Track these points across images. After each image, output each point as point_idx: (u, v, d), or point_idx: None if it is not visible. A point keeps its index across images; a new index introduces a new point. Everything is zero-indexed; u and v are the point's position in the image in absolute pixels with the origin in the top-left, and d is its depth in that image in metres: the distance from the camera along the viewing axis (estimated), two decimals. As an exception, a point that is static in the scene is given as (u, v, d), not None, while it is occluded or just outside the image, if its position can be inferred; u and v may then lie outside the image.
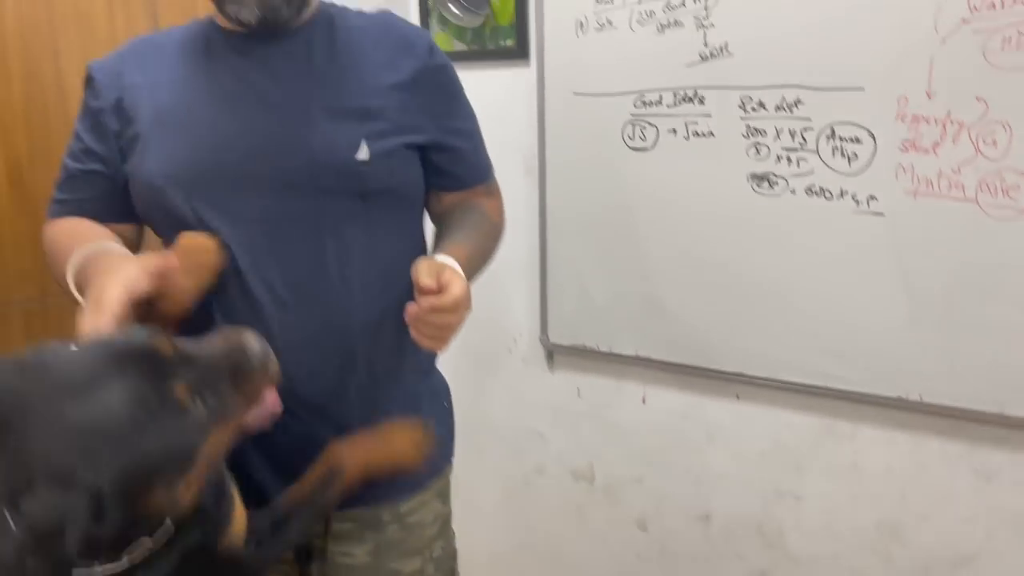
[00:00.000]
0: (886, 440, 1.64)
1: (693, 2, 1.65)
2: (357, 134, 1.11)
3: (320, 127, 1.11)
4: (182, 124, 1.11)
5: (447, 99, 1.24)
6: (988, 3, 1.39)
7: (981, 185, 1.44)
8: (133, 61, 1.16)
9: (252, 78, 1.13)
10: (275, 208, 1.10)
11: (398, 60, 1.17)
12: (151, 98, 1.13)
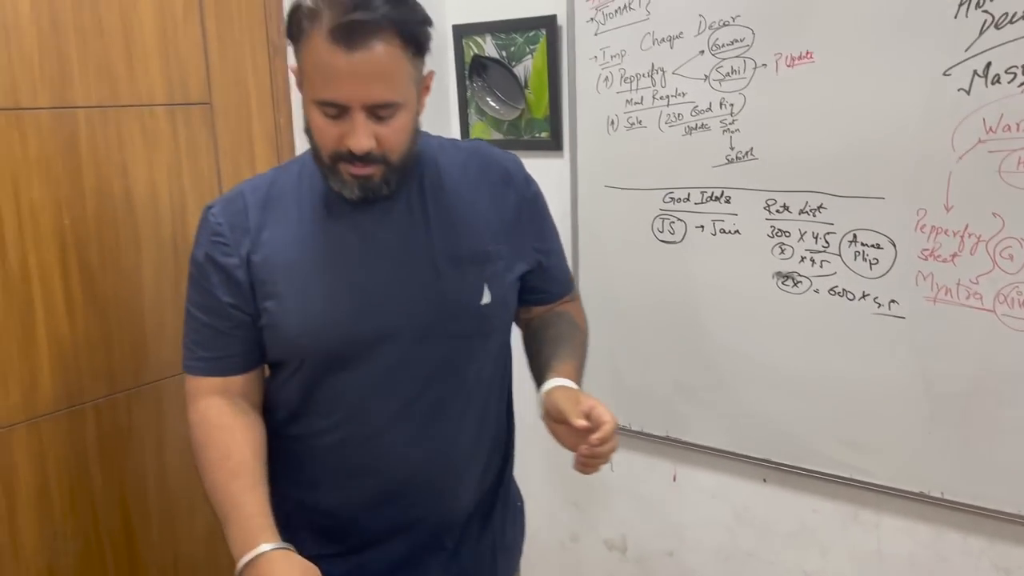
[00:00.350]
0: (909, 531, 1.70)
1: (720, 107, 1.73)
2: (479, 280, 1.22)
3: (446, 278, 1.21)
4: (318, 282, 1.18)
5: (542, 224, 1.34)
6: (1004, 125, 1.44)
7: (998, 296, 1.50)
8: (256, 213, 1.21)
9: (376, 234, 1.20)
10: (407, 354, 1.20)
11: (501, 195, 1.27)
12: (283, 255, 1.19)
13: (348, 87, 1.08)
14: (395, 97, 1.11)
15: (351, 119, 1.10)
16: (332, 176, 1.16)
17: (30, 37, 1.48)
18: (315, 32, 1.07)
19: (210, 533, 1.87)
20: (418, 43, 1.11)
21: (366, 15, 1.05)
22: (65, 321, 1.57)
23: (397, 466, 1.22)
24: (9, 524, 1.53)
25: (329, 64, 1.07)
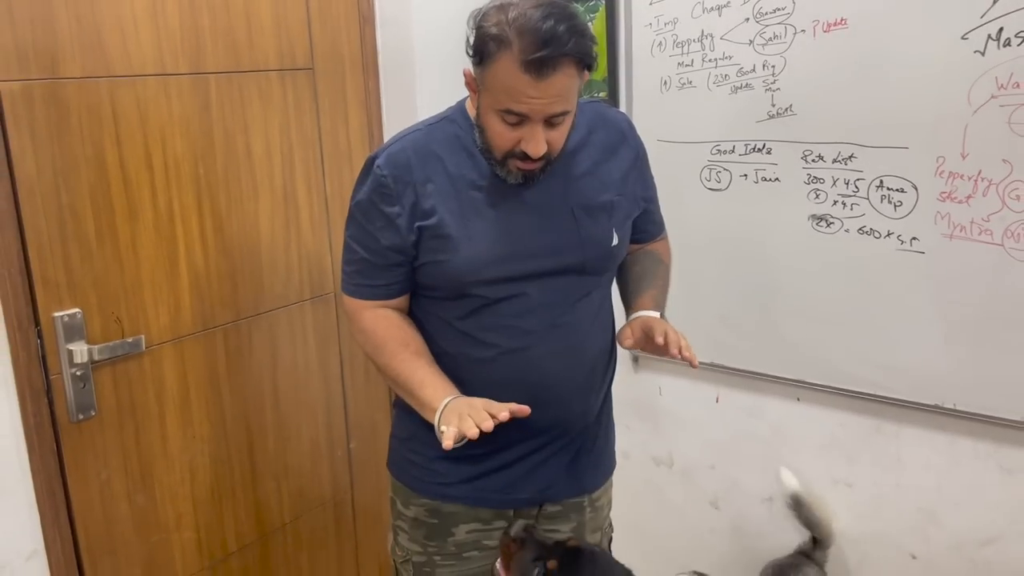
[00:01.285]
0: (925, 439, 1.94)
1: (762, 68, 1.95)
2: (608, 226, 1.48)
3: (583, 224, 1.46)
4: (479, 229, 1.41)
5: (647, 176, 1.61)
6: (1013, 83, 1.66)
7: (1006, 232, 1.73)
8: (420, 168, 1.40)
9: (521, 191, 1.43)
10: (552, 287, 1.45)
11: (619, 152, 1.53)
12: (447, 205, 1.40)
13: (532, 106, 1.30)
14: (569, 107, 1.34)
15: (529, 127, 1.32)
16: (499, 167, 1.40)
17: (173, 14, 1.74)
18: (505, 57, 1.27)
19: (313, 448, 2.15)
20: (590, 65, 1.33)
21: (556, 51, 1.25)
22: (200, 256, 1.85)
23: (541, 375, 1.46)
24: (160, 425, 1.82)
25: (518, 88, 1.28)
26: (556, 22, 1.25)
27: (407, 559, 1.64)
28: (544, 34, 1.24)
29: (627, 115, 1.58)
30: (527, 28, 1.25)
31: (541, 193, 1.44)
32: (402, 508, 1.62)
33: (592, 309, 1.52)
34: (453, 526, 1.58)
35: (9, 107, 1.51)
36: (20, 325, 1.56)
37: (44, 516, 1.64)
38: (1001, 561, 1.90)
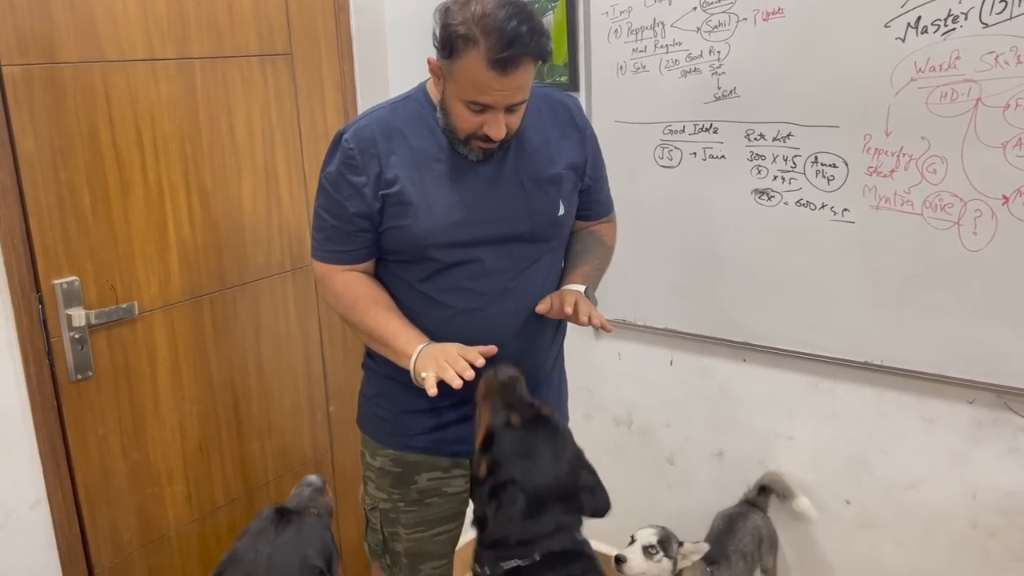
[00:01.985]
0: (857, 394, 2.13)
1: (709, 54, 2.11)
2: (556, 197, 1.64)
3: (533, 196, 1.62)
4: (438, 198, 1.56)
5: (595, 155, 1.75)
6: (930, 67, 1.84)
7: (925, 202, 1.91)
8: (383, 141, 1.54)
9: (479, 166, 1.58)
10: (505, 252, 1.61)
11: (567, 130, 1.68)
12: (408, 175, 1.55)
13: (497, 97, 1.45)
14: (527, 97, 1.51)
15: (492, 114, 1.47)
16: (462, 146, 1.55)
17: (160, 1, 1.86)
18: (472, 55, 1.40)
19: (295, 410, 2.30)
20: (545, 58, 1.49)
21: (519, 51, 1.39)
22: (188, 229, 1.98)
23: (494, 335, 1.59)
24: (152, 386, 1.96)
25: (484, 82, 1.42)
26: (519, 23, 1.39)
27: (375, 506, 1.81)
28: (509, 34, 1.38)
29: (576, 98, 1.72)
30: (493, 28, 1.38)
31: (495, 166, 1.60)
32: (370, 460, 1.79)
33: (542, 274, 1.68)
34: (416, 474, 1.73)
35: (11, 90, 1.64)
36: (23, 291, 1.69)
37: (46, 468, 1.77)
38: (924, 502, 2.10)
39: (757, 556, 2.21)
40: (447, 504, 1.78)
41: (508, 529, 1.37)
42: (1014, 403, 1.93)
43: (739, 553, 2.16)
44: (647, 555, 1.97)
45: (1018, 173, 1.78)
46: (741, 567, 2.15)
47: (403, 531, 1.78)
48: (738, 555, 2.15)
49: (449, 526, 1.81)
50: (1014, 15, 1.73)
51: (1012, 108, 1.76)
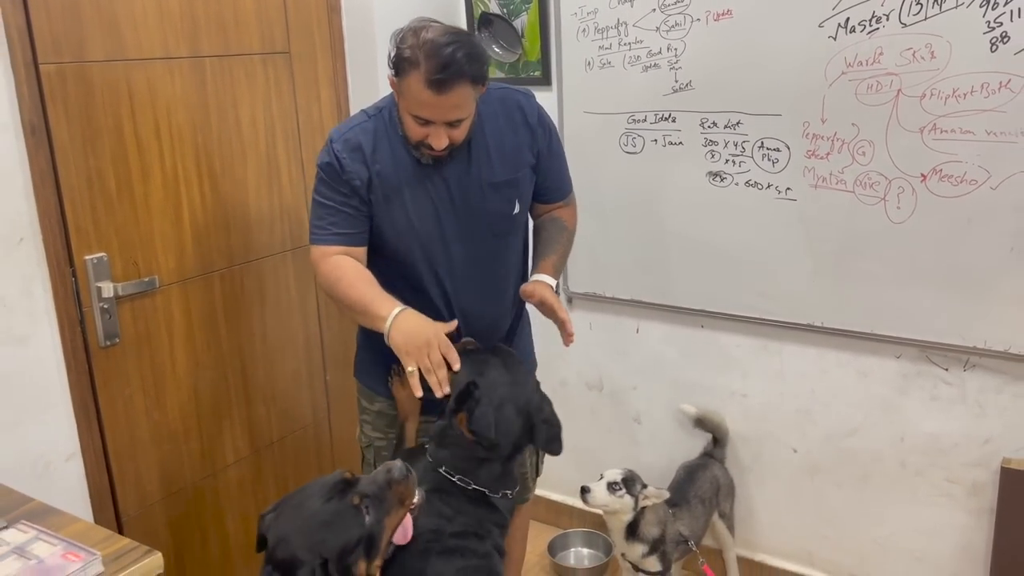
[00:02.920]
0: (800, 353, 2.39)
1: (667, 51, 2.36)
2: (513, 198, 1.86)
3: (489, 198, 1.84)
4: (408, 202, 1.79)
5: (549, 142, 1.93)
6: (858, 62, 2.09)
7: (856, 181, 2.17)
8: (369, 148, 1.77)
9: (444, 169, 1.80)
10: (468, 248, 1.85)
11: (520, 130, 1.87)
12: (388, 181, 1.78)
13: (435, 113, 1.66)
14: (464, 115, 1.71)
15: (433, 128, 1.69)
16: (415, 150, 1.77)
17: (174, 4, 2.07)
18: (414, 75, 1.62)
19: (296, 378, 2.52)
20: (482, 81, 1.70)
21: (452, 74, 1.59)
22: (200, 211, 2.19)
23: (466, 317, 1.86)
24: (170, 353, 2.17)
25: (423, 99, 1.64)
26: (456, 50, 1.60)
27: (370, 444, 2.06)
28: (445, 59, 1.59)
29: (530, 93, 1.92)
30: (432, 53, 1.59)
31: (460, 173, 1.82)
32: (367, 404, 2.03)
33: (503, 259, 1.93)
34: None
35: (47, 85, 1.84)
36: (59, 266, 1.90)
37: (80, 425, 1.98)
38: (860, 448, 2.37)
39: (715, 502, 2.47)
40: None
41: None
42: (934, 356, 2.20)
43: (698, 499, 2.42)
44: (611, 490, 2.22)
45: (934, 154, 2.05)
46: (700, 510, 2.41)
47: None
48: (697, 500, 2.41)
49: None
50: (928, 16, 1.99)
51: (928, 98, 2.03)
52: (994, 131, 1.97)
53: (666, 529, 2.30)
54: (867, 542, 2.41)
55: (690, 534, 2.35)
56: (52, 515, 1.56)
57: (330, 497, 1.44)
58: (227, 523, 2.38)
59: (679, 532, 2.33)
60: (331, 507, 1.42)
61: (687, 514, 2.38)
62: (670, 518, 2.33)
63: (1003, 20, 1.91)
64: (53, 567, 1.37)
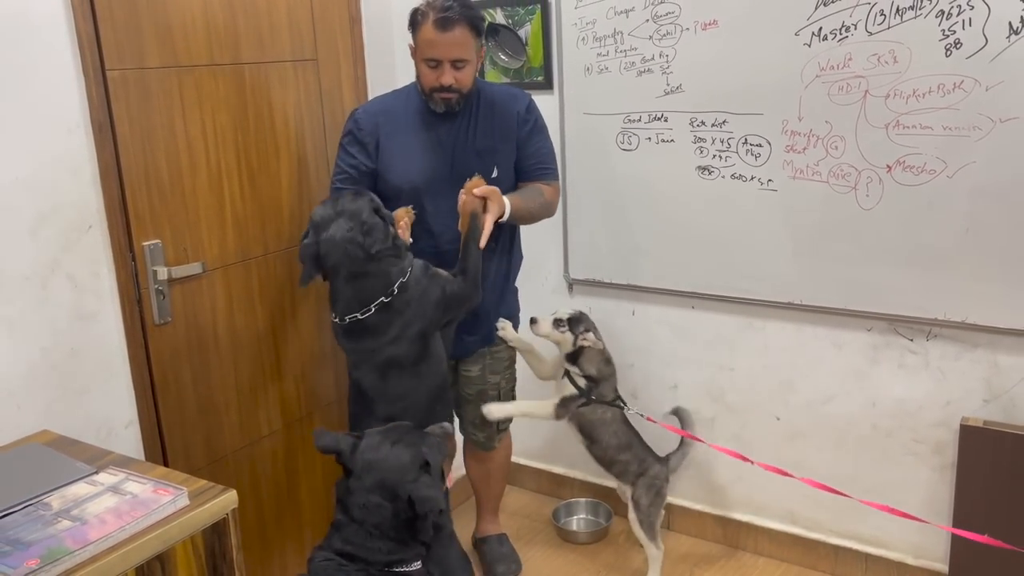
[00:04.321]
0: (782, 329, 2.65)
1: (659, 57, 2.61)
2: (491, 163, 2.27)
3: (473, 162, 2.27)
4: (414, 155, 2.36)
5: (536, 135, 2.41)
6: (830, 66, 2.36)
7: (830, 172, 2.43)
8: (383, 118, 2.37)
9: (444, 136, 2.37)
10: (444, 199, 2.24)
11: (510, 115, 2.35)
12: (393, 141, 2.36)
13: (442, 51, 2.20)
14: (465, 56, 2.21)
15: (442, 68, 2.19)
16: (430, 100, 2.26)
17: (218, 17, 2.30)
18: (424, 24, 2.25)
19: (322, 358, 2.74)
20: (478, 29, 2.21)
21: (451, 13, 2.15)
22: (240, 203, 2.42)
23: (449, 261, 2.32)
24: (213, 332, 2.39)
25: (431, 39, 2.20)
26: (454, 3, 2.20)
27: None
28: (446, 6, 2.20)
29: (525, 93, 2.50)
30: (436, 4, 2.21)
31: (456, 138, 2.36)
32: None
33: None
34: None
35: (113, 89, 2.06)
36: (121, 251, 2.11)
37: (137, 395, 2.19)
38: (836, 414, 2.62)
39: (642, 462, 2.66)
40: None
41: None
42: (901, 328, 2.46)
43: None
44: (555, 326, 2.53)
45: (898, 148, 2.31)
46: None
47: None
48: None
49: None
50: (891, 25, 2.26)
51: (891, 97, 2.29)
52: (950, 126, 2.23)
53: (602, 374, 2.57)
54: (843, 500, 2.66)
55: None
56: (134, 463, 1.78)
57: (413, 432, 1.89)
58: (261, 491, 2.59)
59: (615, 389, 2.60)
60: (417, 435, 1.88)
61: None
62: (609, 374, 2.59)
63: (956, 28, 2.18)
64: (147, 500, 1.59)
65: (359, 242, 2.08)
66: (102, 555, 1.45)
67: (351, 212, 2.11)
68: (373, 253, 2.09)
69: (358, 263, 2.09)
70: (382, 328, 2.13)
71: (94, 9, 1.99)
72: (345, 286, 2.12)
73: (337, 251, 2.09)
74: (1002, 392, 2.35)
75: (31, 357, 1.96)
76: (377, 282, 2.12)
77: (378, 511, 1.75)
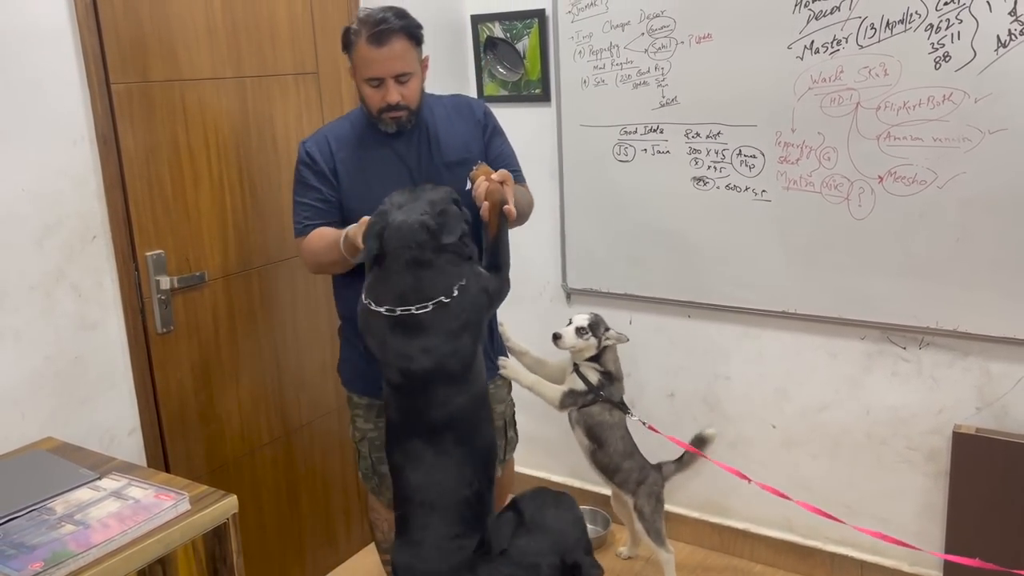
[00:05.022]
0: (777, 337, 2.68)
1: (655, 70, 2.66)
2: (463, 175, 2.13)
3: (444, 176, 2.14)
4: (373, 181, 2.12)
5: (496, 138, 2.28)
6: (822, 78, 2.40)
7: (823, 183, 2.46)
8: (336, 144, 2.15)
9: (402, 153, 2.16)
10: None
11: (468, 123, 2.23)
12: (351, 167, 2.14)
13: (381, 68, 2.03)
14: (408, 69, 2.06)
15: (386, 86, 2.05)
16: (379, 122, 2.12)
17: (221, 32, 2.34)
18: (360, 41, 2.03)
19: (322, 367, 2.77)
20: (416, 38, 2.08)
21: (386, 27, 2.00)
22: (242, 215, 2.46)
23: None
24: (215, 341, 2.42)
25: (368, 57, 2.02)
26: (386, 12, 2.02)
27: (364, 437, 2.31)
28: (379, 19, 2.01)
29: (478, 99, 2.38)
30: (367, 18, 2.03)
31: (415, 154, 2.17)
32: (357, 400, 2.30)
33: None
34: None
35: (117, 102, 2.10)
36: (124, 261, 2.15)
37: (140, 403, 2.23)
38: (831, 421, 2.65)
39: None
40: None
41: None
42: (894, 336, 2.49)
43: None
44: (579, 335, 2.53)
45: (889, 159, 2.35)
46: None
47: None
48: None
49: None
50: (881, 39, 2.30)
51: (882, 109, 2.33)
52: (939, 138, 2.27)
53: (619, 373, 2.61)
54: (839, 507, 2.68)
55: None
56: (136, 469, 1.82)
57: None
58: (262, 498, 2.62)
59: (622, 395, 2.62)
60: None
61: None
62: (622, 376, 2.63)
63: (945, 42, 2.22)
64: (148, 504, 1.62)
65: (432, 228, 1.89)
66: (105, 558, 1.49)
67: (431, 199, 1.95)
68: (444, 244, 1.90)
69: (426, 250, 1.89)
70: (436, 328, 1.91)
71: (99, 24, 2.04)
72: (404, 274, 1.89)
73: (406, 233, 1.88)
74: (994, 400, 2.38)
75: (36, 366, 1.99)
76: (439, 278, 1.90)
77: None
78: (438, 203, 1.94)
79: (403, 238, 1.88)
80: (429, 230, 1.89)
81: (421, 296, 1.90)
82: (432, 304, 1.90)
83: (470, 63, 3.05)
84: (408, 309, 1.90)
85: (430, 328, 1.91)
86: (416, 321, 1.90)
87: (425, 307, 1.90)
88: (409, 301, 1.90)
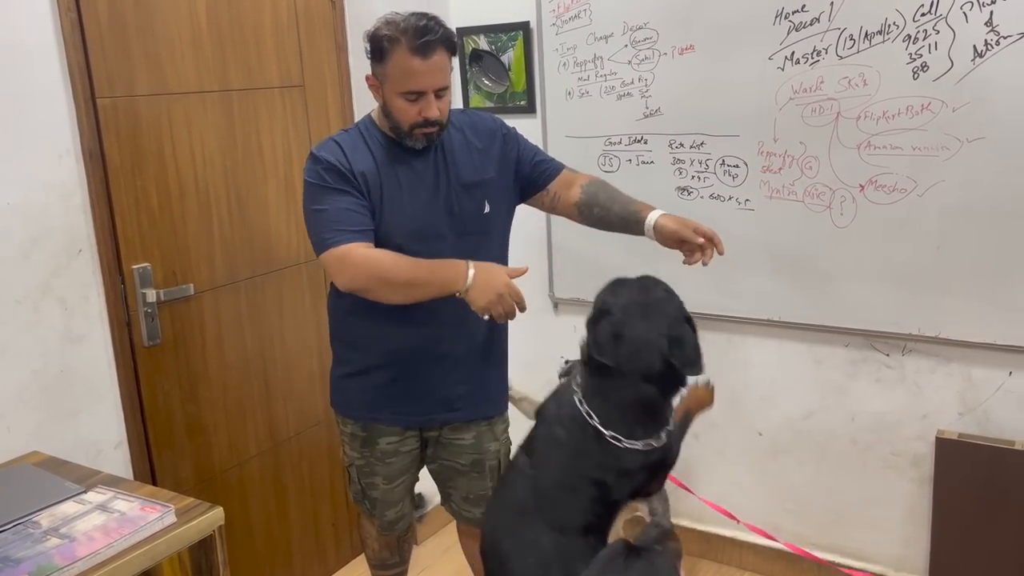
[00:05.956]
0: (762, 345, 2.70)
1: (638, 81, 2.68)
2: (482, 198, 2.03)
3: (461, 198, 2.01)
4: (390, 202, 1.93)
5: (517, 144, 2.13)
6: (803, 89, 2.42)
7: (805, 192, 2.49)
8: (351, 153, 1.91)
9: (422, 172, 1.97)
10: (443, 243, 1.98)
11: (488, 141, 2.08)
12: (379, 181, 1.93)
13: (424, 81, 1.85)
14: (448, 83, 1.93)
15: (426, 100, 1.87)
16: (408, 138, 1.92)
17: (207, 45, 2.36)
18: (398, 51, 1.83)
19: (310, 378, 2.78)
20: (454, 49, 1.93)
21: (432, 37, 1.83)
22: (228, 227, 2.46)
23: (445, 308, 1.95)
24: (202, 353, 2.42)
25: (411, 69, 1.83)
26: (427, 21, 1.85)
27: (352, 464, 2.23)
28: (422, 29, 1.83)
29: (495, 116, 2.17)
30: (410, 27, 1.83)
31: (432, 174, 1.99)
32: (343, 427, 2.21)
33: (484, 257, 1.96)
34: (378, 438, 2.15)
35: (103, 116, 2.11)
36: (110, 274, 2.16)
37: (126, 416, 2.23)
38: (816, 429, 2.67)
39: None
40: (404, 460, 2.19)
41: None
42: (877, 343, 2.51)
43: None
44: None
45: (869, 167, 2.38)
46: None
47: (380, 481, 2.19)
48: None
49: (405, 477, 2.24)
50: (860, 49, 2.33)
51: (862, 119, 2.36)
52: (919, 147, 2.30)
53: None
54: (826, 513, 2.70)
55: None
56: (122, 483, 1.82)
57: (630, 557, 1.77)
58: (250, 510, 2.62)
59: None
60: (642, 563, 1.77)
61: None
62: None
63: (923, 52, 2.25)
64: (134, 517, 1.62)
65: (671, 362, 1.80)
66: (90, 571, 1.49)
67: (666, 312, 1.87)
68: (677, 378, 1.84)
69: (653, 377, 1.79)
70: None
71: (84, 39, 2.05)
72: (613, 395, 1.83)
73: (645, 356, 1.78)
74: (976, 405, 2.40)
75: (22, 379, 2.00)
76: (646, 409, 1.83)
77: None
78: (673, 322, 1.84)
79: (640, 361, 1.78)
80: (668, 363, 1.79)
81: (649, 432, 1.82)
82: (653, 440, 1.83)
83: (456, 75, 3.07)
84: (650, 443, 1.81)
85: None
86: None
87: (650, 445, 1.82)
88: (637, 436, 1.81)
